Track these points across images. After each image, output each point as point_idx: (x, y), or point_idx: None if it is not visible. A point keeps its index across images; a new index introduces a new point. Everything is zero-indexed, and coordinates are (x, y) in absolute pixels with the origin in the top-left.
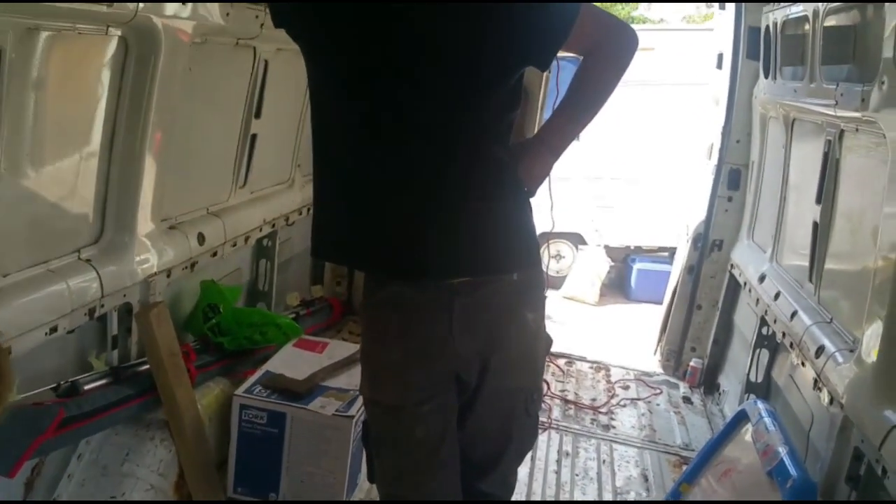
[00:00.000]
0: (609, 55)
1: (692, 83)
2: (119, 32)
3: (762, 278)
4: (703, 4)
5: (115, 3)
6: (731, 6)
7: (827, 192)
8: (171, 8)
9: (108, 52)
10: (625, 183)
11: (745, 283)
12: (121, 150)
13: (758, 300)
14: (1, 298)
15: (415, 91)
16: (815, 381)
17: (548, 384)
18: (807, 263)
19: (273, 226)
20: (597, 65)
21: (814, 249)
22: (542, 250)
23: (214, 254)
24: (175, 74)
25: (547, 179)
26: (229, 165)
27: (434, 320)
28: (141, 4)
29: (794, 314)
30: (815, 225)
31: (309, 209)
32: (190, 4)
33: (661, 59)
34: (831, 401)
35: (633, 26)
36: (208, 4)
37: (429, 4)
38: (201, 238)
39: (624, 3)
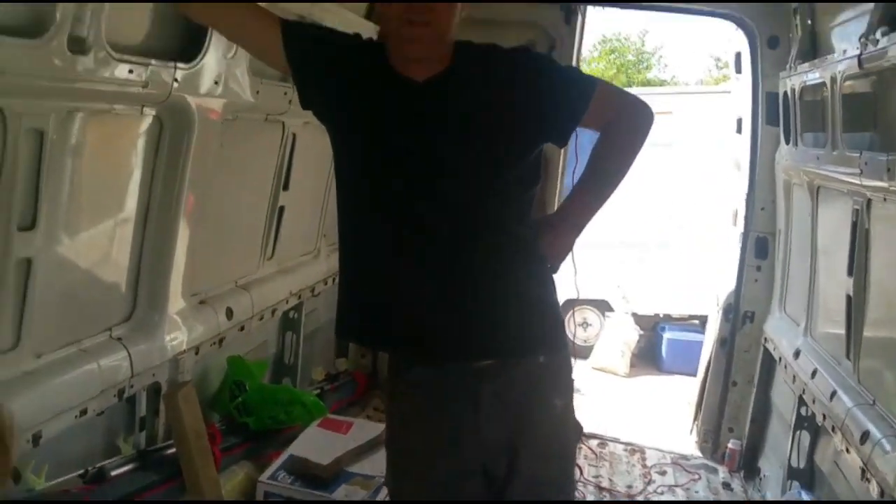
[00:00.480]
0: (625, 131)
1: (712, 145)
2: (154, 112)
3: (797, 354)
4: (714, 68)
5: (149, 86)
6: (747, 71)
7: (858, 263)
8: (204, 87)
9: (143, 130)
10: (651, 248)
11: (780, 359)
12: (154, 226)
13: (794, 377)
14: (34, 381)
15: (437, 171)
16: (863, 471)
17: (580, 469)
18: (843, 339)
19: (299, 297)
20: (614, 141)
21: (849, 324)
22: (567, 317)
23: (242, 328)
24: (208, 151)
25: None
26: (258, 237)
27: (459, 407)
28: (175, 84)
29: (833, 394)
30: (849, 298)
31: (334, 279)
32: (222, 84)
33: (679, 122)
34: (882, 493)
35: (650, 89)
36: (240, 83)
37: (451, 87)
38: (230, 313)
39: (637, 64)
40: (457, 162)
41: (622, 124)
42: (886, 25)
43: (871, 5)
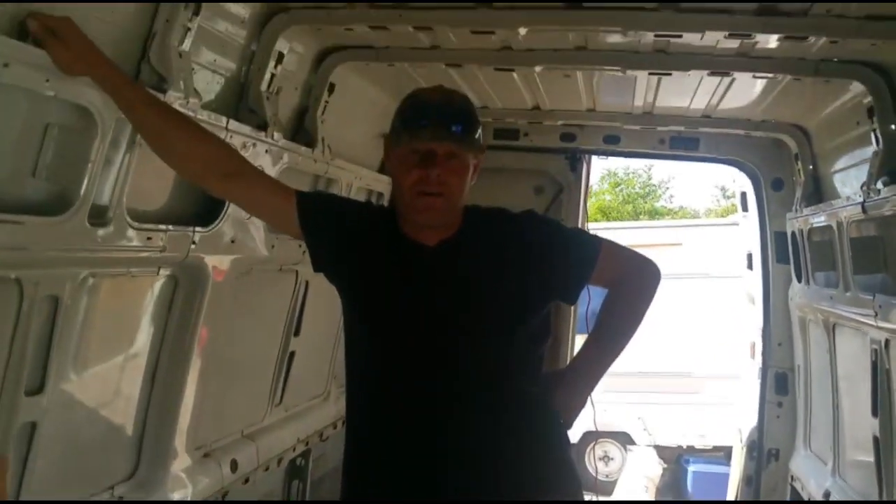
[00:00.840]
0: (633, 288)
1: (724, 276)
2: (169, 271)
3: (827, 495)
4: (721, 197)
5: (167, 249)
6: (753, 209)
7: (882, 403)
8: (221, 247)
9: (158, 288)
10: (670, 377)
11: (809, 499)
12: (162, 382)
13: None
14: None
15: (447, 332)
16: None
17: None
18: (874, 480)
19: (307, 444)
20: (623, 299)
21: (879, 466)
22: (587, 451)
23: (247, 480)
24: (221, 305)
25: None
26: (266, 384)
27: None
28: (192, 246)
29: None
30: (876, 439)
31: (343, 422)
32: (238, 242)
33: (689, 254)
34: None
35: (658, 221)
36: (256, 239)
37: (461, 251)
38: (234, 465)
39: (644, 196)
40: (467, 323)
41: (629, 284)
42: (886, 175)
43: (869, 152)
